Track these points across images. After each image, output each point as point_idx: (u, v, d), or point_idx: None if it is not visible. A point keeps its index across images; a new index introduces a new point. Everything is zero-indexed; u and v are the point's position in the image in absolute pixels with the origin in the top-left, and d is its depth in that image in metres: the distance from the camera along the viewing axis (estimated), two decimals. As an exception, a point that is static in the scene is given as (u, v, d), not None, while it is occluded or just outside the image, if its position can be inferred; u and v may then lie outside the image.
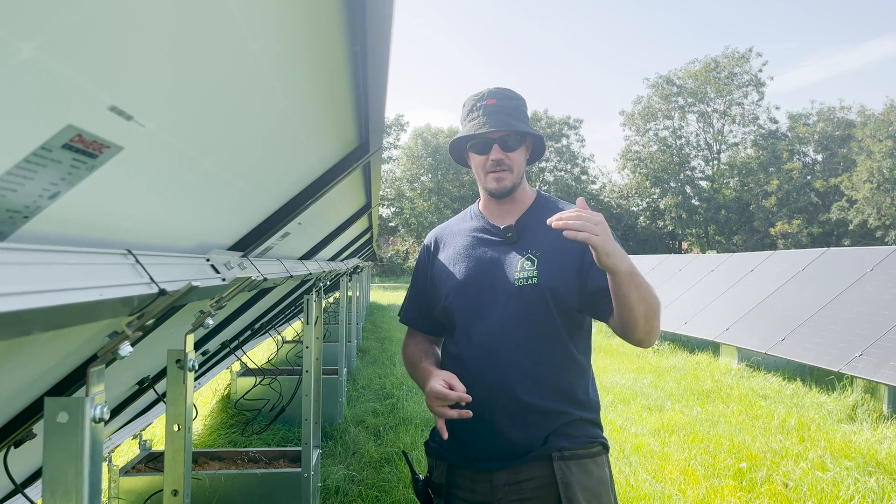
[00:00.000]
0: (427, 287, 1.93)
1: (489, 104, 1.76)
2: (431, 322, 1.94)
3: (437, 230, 2.01)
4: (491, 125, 1.73)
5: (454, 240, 1.90)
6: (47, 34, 0.54)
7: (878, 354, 6.33)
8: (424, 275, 1.95)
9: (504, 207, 1.85)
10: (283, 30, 0.95)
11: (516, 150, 1.78)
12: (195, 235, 1.50)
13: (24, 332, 0.70)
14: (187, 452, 1.68)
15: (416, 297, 1.98)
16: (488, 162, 1.77)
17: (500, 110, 1.75)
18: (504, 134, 1.75)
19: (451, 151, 1.90)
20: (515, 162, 1.78)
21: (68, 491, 1.02)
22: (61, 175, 0.74)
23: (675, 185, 48.50)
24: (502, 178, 1.77)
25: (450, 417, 1.60)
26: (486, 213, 1.89)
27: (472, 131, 1.76)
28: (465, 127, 1.81)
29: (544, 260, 1.73)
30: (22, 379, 1.36)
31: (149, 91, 0.77)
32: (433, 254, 1.94)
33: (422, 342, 1.96)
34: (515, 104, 1.79)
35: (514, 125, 1.74)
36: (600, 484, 1.72)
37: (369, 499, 4.16)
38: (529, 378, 1.70)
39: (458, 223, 1.95)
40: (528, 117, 1.84)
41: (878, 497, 4.15)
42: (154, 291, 1.04)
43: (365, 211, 3.88)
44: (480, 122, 1.75)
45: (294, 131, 1.38)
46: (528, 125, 1.81)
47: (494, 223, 1.84)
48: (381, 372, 8.60)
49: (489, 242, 1.82)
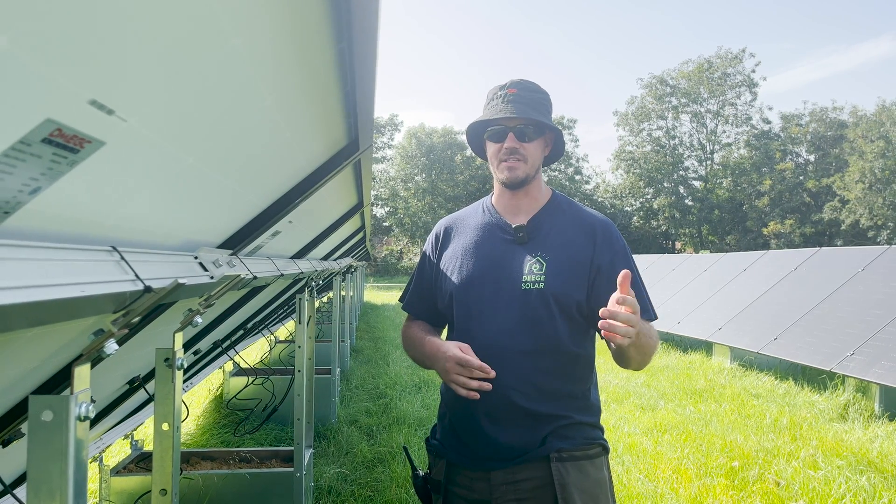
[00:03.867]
0: (432, 277, 1.89)
1: (510, 93, 1.72)
2: (434, 312, 1.91)
3: (448, 220, 1.96)
4: (507, 112, 1.69)
5: (464, 233, 1.85)
6: (20, 28, 0.54)
7: (869, 354, 6.36)
8: (430, 265, 1.91)
9: (517, 202, 1.80)
10: (266, 26, 0.94)
11: (533, 142, 1.73)
12: (183, 233, 1.50)
13: (3, 329, 0.70)
14: (175, 451, 1.68)
15: (420, 286, 1.94)
16: (502, 150, 1.73)
17: (519, 100, 1.71)
18: (520, 123, 1.70)
19: (468, 140, 1.86)
20: (531, 153, 1.73)
21: (53, 490, 1.01)
22: (41, 170, 0.73)
23: (669, 185, 48.61)
24: (515, 167, 1.72)
25: (470, 387, 1.59)
26: (498, 208, 1.84)
27: (489, 117, 1.72)
28: (483, 114, 1.76)
29: (553, 264, 1.70)
30: (8, 378, 1.35)
31: (129, 86, 0.77)
32: (441, 244, 1.90)
33: (423, 324, 1.93)
34: (538, 97, 1.75)
35: (530, 115, 1.69)
36: (598, 486, 1.71)
37: (362, 498, 4.15)
38: (529, 383, 1.68)
39: (471, 216, 1.90)
40: (550, 113, 1.79)
41: (868, 495, 4.17)
42: (139, 288, 1.03)
43: (357, 210, 3.87)
44: (497, 109, 1.71)
45: (280, 129, 1.38)
46: (549, 120, 1.76)
47: (506, 220, 1.80)
48: (375, 372, 8.60)
49: (499, 240, 1.78)
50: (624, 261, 1.74)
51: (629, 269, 1.73)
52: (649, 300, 1.76)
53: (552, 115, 1.81)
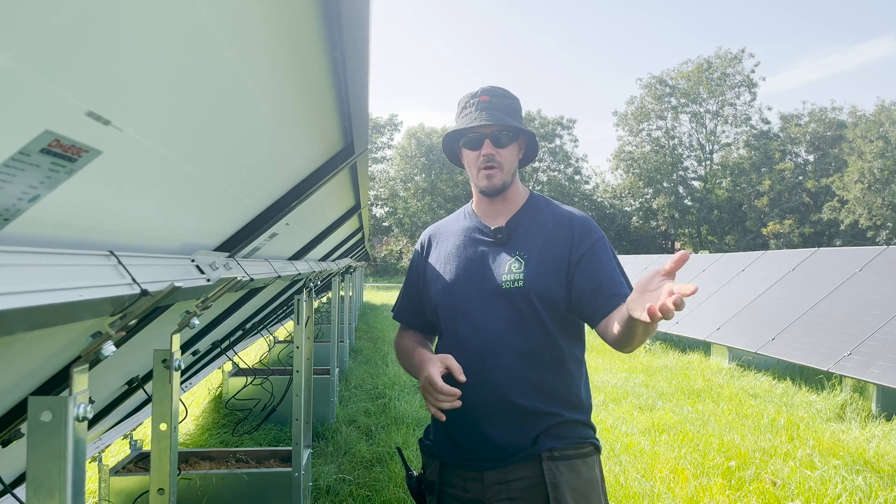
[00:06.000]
0: (420, 286, 1.93)
1: (482, 101, 1.76)
2: (424, 320, 1.95)
3: (432, 228, 2.00)
4: (482, 120, 1.73)
5: (447, 239, 1.89)
6: (21, 45, 0.56)
7: (866, 354, 6.38)
8: (418, 273, 1.95)
9: (496, 207, 1.85)
10: (259, 38, 0.96)
11: (507, 147, 1.77)
12: (180, 236, 1.52)
13: (3, 332, 0.72)
14: (173, 451, 1.70)
15: (409, 296, 1.98)
16: (479, 158, 1.76)
17: (492, 107, 1.75)
18: (495, 129, 1.74)
19: (444, 149, 1.89)
20: (506, 159, 1.77)
21: (52, 489, 1.03)
22: (40, 179, 0.76)
23: (668, 186, 48.62)
24: (492, 175, 1.76)
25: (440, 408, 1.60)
26: (478, 213, 1.88)
27: (465, 125, 1.75)
28: (457, 123, 1.80)
29: (532, 262, 1.73)
30: (8, 379, 1.37)
31: (125, 97, 0.79)
32: (426, 252, 1.94)
33: (415, 334, 1.97)
34: (508, 102, 1.79)
35: (505, 121, 1.74)
36: (590, 485, 1.72)
37: (360, 498, 4.17)
38: (518, 380, 1.70)
39: (453, 222, 1.94)
40: (521, 117, 1.83)
41: (865, 495, 4.19)
42: (136, 292, 1.06)
43: (354, 211, 3.90)
44: (472, 118, 1.75)
45: (276, 135, 1.40)
46: (522, 124, 1.80)
47: (486, 223, 1.84)
48: (374, 372, 8.61)
49: (480, 242, 1.82)
50: (602, 248, 1.76)
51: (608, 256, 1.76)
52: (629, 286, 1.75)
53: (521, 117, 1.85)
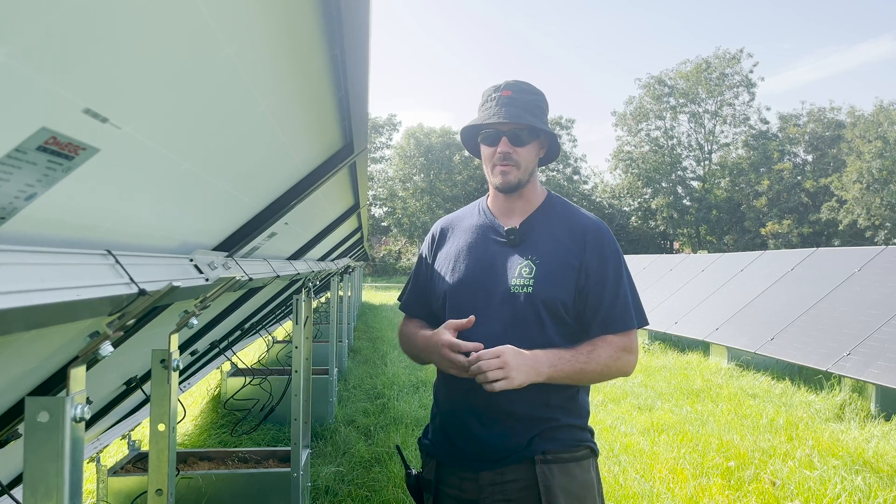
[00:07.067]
0: (427, 278, 1.90)
1: (504, 95, 1.71)
2: (430, 312, 1.92)
3: (444, 221, 1.96)
4: (501, 116, 1.68)
5: (459, 234, 1.86)
6: (18, 41, 0.55)
7: (865, 354, 6.38)
8: (426, 265, 1.92)
9: (511, 205, 1.81)
10: (259, 36, 0.96)
11: (526, 146, 1.72)
12: (178, 236, 1.51)
13: (0, 332, 0.71)
14: (171, 452, 1.69)
15: (417, 287, 1.95)
16: (496, 154, 1.72)
17: (513, 103, 1.70)
18: (514, 127, 1.69)
19: (463, 140, 1.85)
20: (524, 157, 1.72)
21: (49, 490, 1.02)
22: (37, 177, 0.75)
23: (667, 186, 48.63)
24: (507, 171, 1.72)
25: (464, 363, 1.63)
26: (493, 210, 1.84)
27: (482, 121, 1.71)
28: (478, 115, 1.76)
29: (543, 267, 1.71)
30: (4, 379, 1.36)
31: (123, 95, 0.78)
32: (437, 245, 1.90)
33: (419, 322, 1.93)
34: (532, 98, 1.73)
35: (525, 119, 1.69)
36: (584, 488, 1.71)
37: (359, 498, 4.17)
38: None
39: (466, 217, 1.90)
40: (545, 114, 1.78)
41: (864, 495, 4.19)
42: (134, 292, 1.05)
43: (353, 211, 3.89)
44: (491, 113, 1.70)
45: (275, 134, 1.39)
46: (544, 122, 1.75)
47: (500, 222, 1.80)
48: (373, 372, 8.61)
49: (492, 242, 1.79)
50: (614, 265, 1.75)
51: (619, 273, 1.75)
52: (635, 305, 1.77)
53: (548, 114, 1.80)
